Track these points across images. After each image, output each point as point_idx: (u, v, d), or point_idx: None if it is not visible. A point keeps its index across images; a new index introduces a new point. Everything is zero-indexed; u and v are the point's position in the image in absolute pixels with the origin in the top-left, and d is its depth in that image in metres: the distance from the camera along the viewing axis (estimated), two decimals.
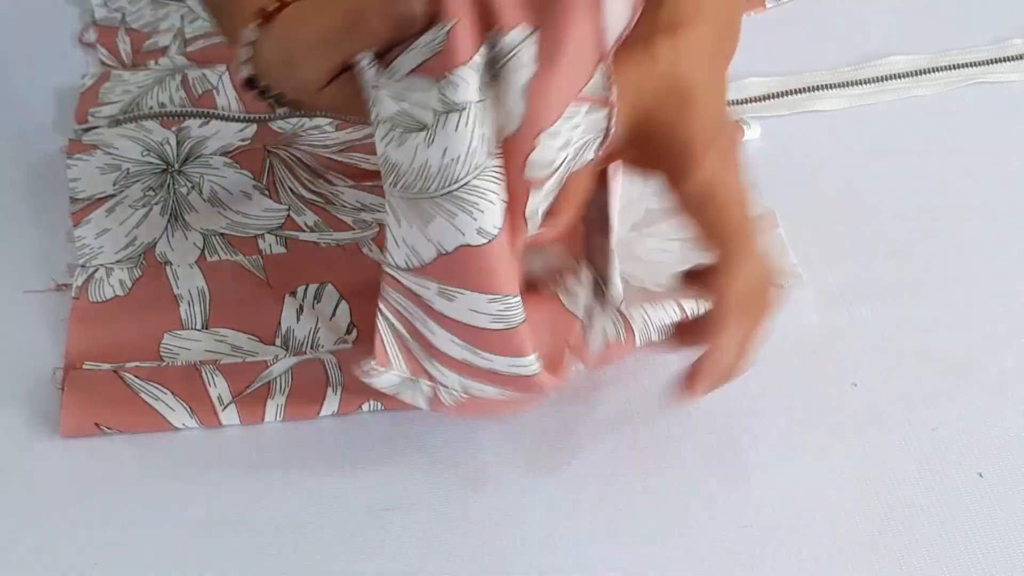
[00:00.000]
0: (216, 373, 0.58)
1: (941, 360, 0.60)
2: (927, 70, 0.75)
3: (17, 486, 0.56)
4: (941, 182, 0.69)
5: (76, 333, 0.60)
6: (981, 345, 0.61)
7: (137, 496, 0.55)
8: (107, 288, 0.62)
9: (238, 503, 0.55)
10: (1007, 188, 0.68)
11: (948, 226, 0.66)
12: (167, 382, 0.58)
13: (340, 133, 0.70)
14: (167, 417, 0.57)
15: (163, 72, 0.73)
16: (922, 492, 0.55)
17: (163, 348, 0.60)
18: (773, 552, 0.53)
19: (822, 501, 0.55)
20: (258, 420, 0.58)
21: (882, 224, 0.66)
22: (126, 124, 0.70)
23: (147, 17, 0.78)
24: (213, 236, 0.65)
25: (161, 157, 0.68)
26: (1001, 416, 0.58)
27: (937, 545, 0.53)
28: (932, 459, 0.56)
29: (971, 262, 0.64)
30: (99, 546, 0.54)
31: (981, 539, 0.53)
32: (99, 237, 0.65)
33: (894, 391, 0.59)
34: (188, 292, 0.62)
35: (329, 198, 0.67)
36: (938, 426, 0.57)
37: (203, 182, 0.67)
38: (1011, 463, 0.56)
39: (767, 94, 0.73)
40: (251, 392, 0.58)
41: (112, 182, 0.67)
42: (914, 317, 0.62)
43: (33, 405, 0.59)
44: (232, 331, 0.61)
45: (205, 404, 0.58)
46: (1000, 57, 0.75)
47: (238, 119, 0.71)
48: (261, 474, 0.56)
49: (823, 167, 0.70)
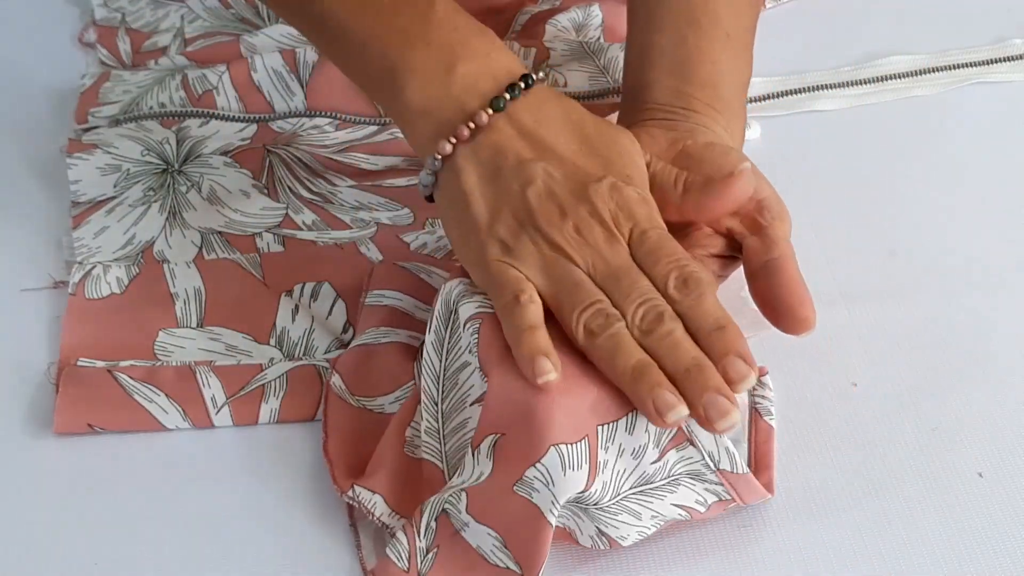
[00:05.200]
0: (211, 374, 0.58)
1: (941, 360, 0.60)
2: (927, 70, 0.75)
3: (14, 485, 0.56)
4: (941, 182, 0.69)
5: (71, 330, 0.60)
6: (981, 345, 0.60)
7: (137, 496, 0.55)
8: (103, 285, 0.62)
9: (238, 503, 0.55)
10: (1007, 188, 0.68)
11: (948, 226, 0.66)
12: (161, 383, 0.58)
13: (340, 133, 0.70)
14: (160, 419, 0.57)
15: (163, 72, 0.73)
16: (922, 492, 0.55)
17: (158, 346, 0.60)
18: (774, 551, 0.53)
19: (822, 501, 0.54)
20: (252, 422, 0.58)
21: (882, 224, 0.66)
22: (126, 124, 0.70)
23: (147, 17, 0.78)
24: (211, 234, 0.65)
25: (161, 157, 0.68)
26: (1001, 416, 0.57)
27: (937, 545, 0.53)
28: (932, 459, 0.56)
29: (971, 262, 0.64)
30: (99, 546, 0.54)
31: (981, 539, 0.53)
32: (97, 237, 0.65)
33: (894, 391, 0.58)
34: (184, 291, 0.62)
35: (328, 197, 0.67)
36: (938, 426, 0.57)
37: (203, 181, 0.67)
38: (1011, 463, 0.56)
39: (767, 94, 0.73)
40: (245, 394, 0.58)
41: (113, 183, 0.67)
42: (914, 317, 0.61)
43: (29, 402, 0.59)
44: (227, 330, 0.61)
45: (198, 405, 0.57)
46: (1000, 57, 0.75)
47: (238, 119, 0.71)
48: (260, 474, 0.56)
49: (823, 167, 0.69)
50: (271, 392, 0.58)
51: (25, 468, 0.56)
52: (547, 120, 0.55)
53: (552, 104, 0.56)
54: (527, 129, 0.55)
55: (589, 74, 0.70)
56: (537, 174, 0.54)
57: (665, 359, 0.50)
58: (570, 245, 0.53)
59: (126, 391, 0.58)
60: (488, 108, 0.54)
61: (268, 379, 0.58)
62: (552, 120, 0.55)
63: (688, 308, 0.51)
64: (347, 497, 0.53)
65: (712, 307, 0.51)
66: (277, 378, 0.58)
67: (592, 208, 0.53)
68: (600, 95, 0.70)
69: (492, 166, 0.54)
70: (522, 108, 0.55)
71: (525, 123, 0.55)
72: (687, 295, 0.51)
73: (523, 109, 0.55)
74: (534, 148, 0.55)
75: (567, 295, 0.52)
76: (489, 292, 0.53)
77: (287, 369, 0.59)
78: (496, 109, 0.55)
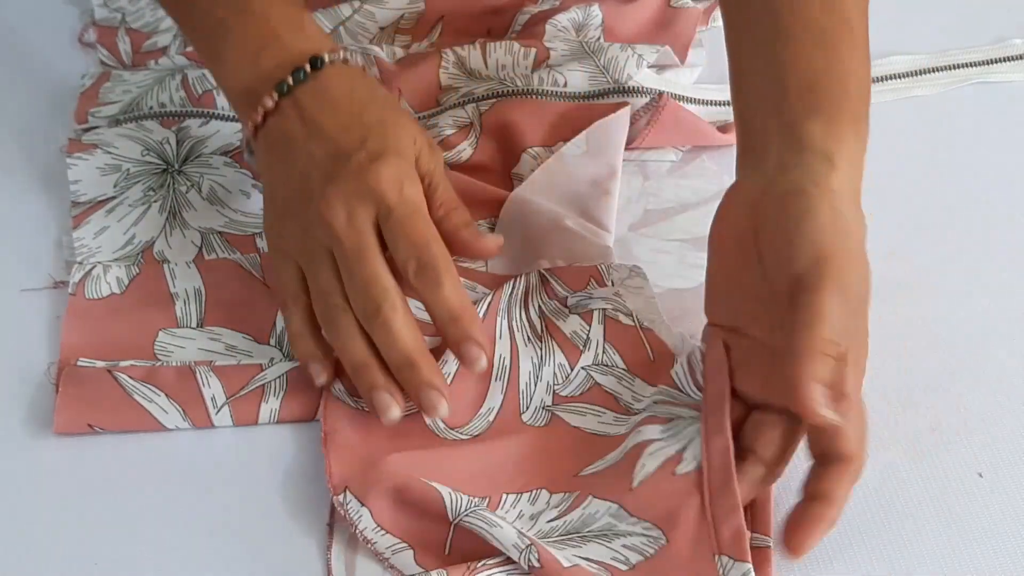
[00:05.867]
0: (211, 374, 0.58)
1: (941, 360, 0.60)
2: (927, 70, 0.75)
3: (14, 485, 0.56)
4: (941, 182, 0.68)
5: (71, 330, 0.60)
6: (981, 345, 0.60)
7: (137, 496, 0.55)
8: (104, 285, 0.62)
9: (238, 503, 0.55)
10: (1007, 188, 0.68)
11: (948, 226, 0.66)
12: (161, 383, 0.58)
13: None
14: (160, 419, 0.57)
15: (163, 72, 0.73)
16: (922, 492, 0.55)
17: (158, 346, 0.60)
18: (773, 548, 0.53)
19: None
20: (252, 422, 0.58)
21: (882, 224, 0.66)
22: (126, 124, 0.70)
23: (147, 17, 0.78)
24: (211, 234, 0.65)
25: (161, 157, 0.68)
26: (1001, 416, 0.57)
27: (937, 545, 0.53)
28: (932, 459, 0.56)
29: (971, 262, 0.64)
30: (99, 546, 0.54)
31: (981, 539, 0.53)
32: (97, 237, 0.65)
33: (894, 391, 0.58)
34: (184, 291, 0.62)
35: None
36: (938, 426, 0.57)
37: (203, 181, 0.67)
38: (1011, 463, 0.56)
39: None
40: (245, 394, 0.58)
41: (113, 183, 0.67)
42: (914, 317, 0.61)
43: (29, 402, 0.59)
44: (227, 330, 0.61)
45: (199, 405, 0.57)
46: (1000, 57, 0.75)
47: (238, 119, 0.71)
48: (259, 474, 0.56)
49: None
50: (271, 392, 0.58)
51: (25, 468, 0.56)
52: (328, 101, 0.57)
53: (339, 84, 0.57)
54: (306, 111, 0.57)
55: (589, 74, 0.70)
56: (300, 158, 0.56)
57: (385, 354, 0.53)
58: (315, 227, 0.54)
59: (126, 391, 0.58)
60: (273, 92, 0.57)
61: (268, 379, 0.58)
62: (333, 101, 0.57)
63: (425, 296, 0.53)
64: (337, 502, 0.53)
65: (449, 295, 0.53)
66: (277, 378, 0.58)
67: (336, 188, 0.54)
68: (600, 95, 0.70)
69: (277, 151, 0.57)
70: (307, 91, 0.57)
71: (305, 105, 0.57)
72: (424, 282, 0.53)
73: (307, 92, 0.57)
74: (307, 129, 0.56)
75: (312, 281, 0.55)
76: None
77: (287, 369, 0.59)
78: (280, 93, 0.57)
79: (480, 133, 0.69)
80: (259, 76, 0.58)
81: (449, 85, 0.71)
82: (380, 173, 0.54)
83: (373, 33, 0.75)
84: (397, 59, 0.73)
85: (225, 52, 0.59)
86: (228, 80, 0.60)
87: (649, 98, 0.69)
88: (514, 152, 0.68)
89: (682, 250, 0.65)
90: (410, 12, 0.75)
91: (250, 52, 0.58)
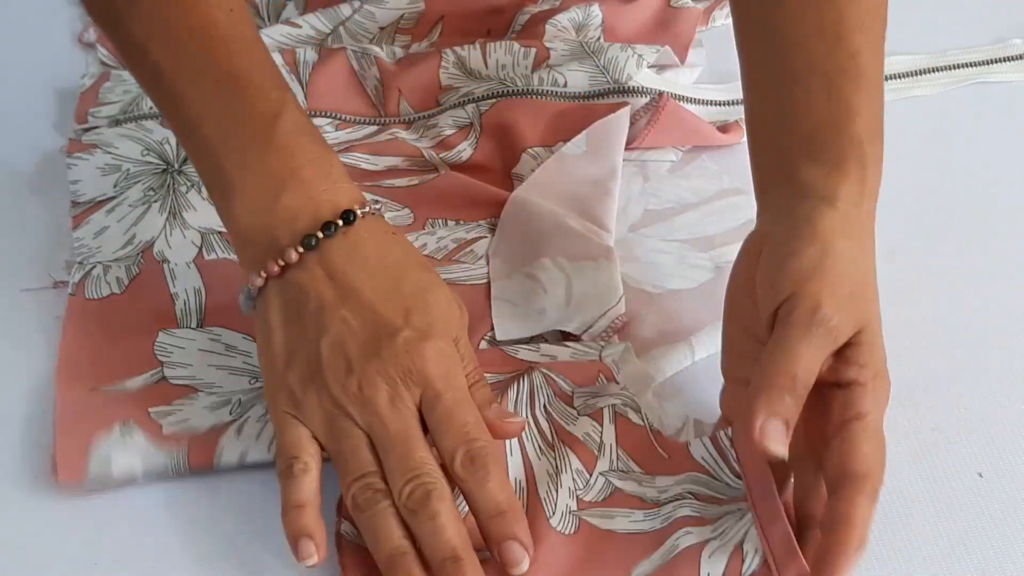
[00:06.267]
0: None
1: (941, 360, 0.60)
2: (927, 70, 0.75)
3: (14, 484, 0.56)
4: (941, 182, 0.69)
5: (71, 330, 0.60)
6: (981, 345, 0.60)
7: (137, 496, 0.55)
8: (103, 286, 0.62)
9: (238, 504, 0.55)
10: (1007, 188, 0.68)
11: (948, 226, 0.66)
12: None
13: (340, 133, 0.70)
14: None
15: None
16: (922, 492, 0.55)
17: (157, 346, 0.60)
18: None
19: None
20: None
21: (882, 224, 0.66)
22: (126, 124, 0.70)
23: None
24: (211, 234, 0.65)
25: (161, 157, 0.68)
26: (1001, 416, 0.58)
27: (937, 545, 0.53)
28: (932, 459, 0.56)
29: (971, 262, 0.64)
30: (99, 546, 0.54)
31: (981, 539, 0.53)
32: (97, 236, 0.65)
33: (894, 391, 0.58)
34: (184, 291, 0.62)
35: None
36: (938, 426, 0.57)
37: None
38: (1011, 463, 0.56)
39: None
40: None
41: (113, 183, 0.67)
42: (914, 317, 0.61)
43: (29, 402, 0.59)
44: (227, 330, 0.61)
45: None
46: (1000, 57, 0.75)
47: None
48: (259, 474, 0.56)
49: None
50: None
51: (25, 468, 0.56)
52: (360, 261, 0.53)
53: (371, 243, 0.53)
54: (337, 271, 0.52)
55: (589, 74, 0.70)
56: (333, 323, 0.52)
57: (425, 544, 0.50)
58: (351, 404, 0.51)
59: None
60: (299, 246, 0.52)
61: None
62: (365, 262, 0.53)
63: (471, 489, 0.50)
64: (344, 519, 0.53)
65: (495, 490, 0.50)
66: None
67: (380, 365, 0.51)
68: (600, 95, 0.70)
69: (296, 307, 0.53)
70: (335, 248, 0.53)
71: (335, 264, 0.52)
72: (472, 474, 0.50)
73: (336, 249, 0.53)
74: (339, 292, 0.52)
75: (342, 460, 0.51)
76: None
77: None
78: (307, 248, 0.52)
79: (480, 133, 0.69)
80: (278, 220, 0.53)
81: (449, 85, 0.71)
82: (426, 355, 0.51)
83: (373, 33, 0.75)
84: (397, 59, 0.73)
85: (238, 181, 0.54)
86: (237, 213, 0.54)
87: (649, 98, 0.69)
88: (514, 152, 0.68)
89: (682, 250, 0.65)
90: (410, 12, 0.75)
91: (269, 189, 0.53)
